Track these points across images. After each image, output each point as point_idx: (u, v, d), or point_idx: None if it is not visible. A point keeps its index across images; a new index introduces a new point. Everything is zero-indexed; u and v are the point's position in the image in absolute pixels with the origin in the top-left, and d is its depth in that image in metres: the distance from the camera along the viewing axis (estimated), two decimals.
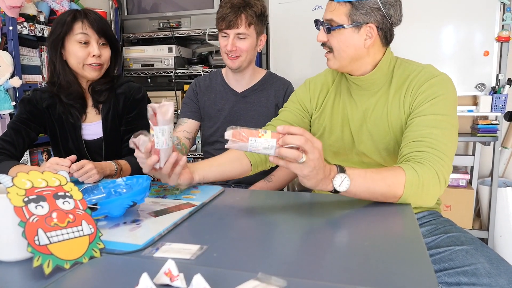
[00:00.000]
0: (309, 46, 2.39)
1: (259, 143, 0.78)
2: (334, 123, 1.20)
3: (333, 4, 1.06)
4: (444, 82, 1.06)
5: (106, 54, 1.37)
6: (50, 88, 1.39)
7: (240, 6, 1.44)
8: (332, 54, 1.10)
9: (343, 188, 0.85)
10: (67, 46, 1.34)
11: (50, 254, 0.61)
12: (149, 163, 0.91)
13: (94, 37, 1.33)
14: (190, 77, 2.79)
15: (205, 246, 0.69)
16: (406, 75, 1.10)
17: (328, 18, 1.08)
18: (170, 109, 0.90)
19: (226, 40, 1.49)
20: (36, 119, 1.40)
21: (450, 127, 1.00)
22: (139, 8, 2.71)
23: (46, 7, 2.09)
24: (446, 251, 0.97)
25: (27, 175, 0.66)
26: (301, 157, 0.77)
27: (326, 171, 0.83)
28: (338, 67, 1.12)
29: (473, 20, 2.11)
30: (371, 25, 1.04)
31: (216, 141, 1.64)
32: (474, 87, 2.15)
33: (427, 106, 1.03)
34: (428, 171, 0.92)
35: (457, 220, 1.18)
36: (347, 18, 1.05)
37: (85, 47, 1.33)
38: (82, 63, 1.34)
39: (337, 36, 1.07)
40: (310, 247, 0.72)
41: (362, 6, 1.03)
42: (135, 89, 1.48)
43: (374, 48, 1.09)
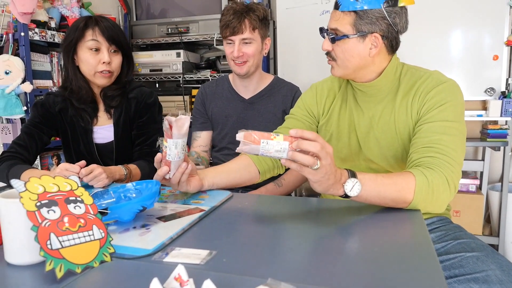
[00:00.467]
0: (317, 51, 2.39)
1: (271, 146, 0.77)
2: (341, 129, 1.20)
3: (338, 13, 1.05)
4: (452, 88, 1.05)
5: (116, 61, 1.39)
6: (62, 92, 1.41)
7: (242, 11, 1.46)
8: (336, 63, 1.10)
9: (354, 193, 0.85)
10: (79, 52, 1.36)
11: (62, 258, 0.62)
12: (160, 173, 0.96)
13: (105, 44, 1.35)
14: (198, 82, 2.80)
15: (214, 251, 0.69)
16: (413, 82, 1.10)
17: (332, 27, 1.07)
18: (186, 124, 0.92)
19: (231, 46, 1.49)
20: (48, 122, 1.42)
21: (459, 134, 1.00)
22: (148, 14, 2.74)
23: (57, 13, 2.12)
24: (456, 257, 0.96)
25: (39, 180, 0.67)
26: (316, 163, 0.77)
27: (337, 175, 0.83)
28: (342, 75, 1.12)
29: (482, 24, 2.10)
30: (376, 35, 1.03)
31: (224, 148, 1.65)
32: (483, 91, 2.14)
33: (435, 113, 1.02)
34: (438, 176, 0.91)
35: (467, 226, 1.17)
36: (351, 28, 1.04)
37: (95, 54, 1.34)
38: (93, 70, 1.35)
39: (341, 46, 1.07)
40: (319, 253, 0.71)
41: (367, 15, 1.02)
42: (146, 94, 1.50)
43: (379, 56, 1.08)
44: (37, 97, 1.99)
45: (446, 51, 2.18)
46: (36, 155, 1.40)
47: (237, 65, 1.51)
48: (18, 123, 1.97)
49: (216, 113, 1.64)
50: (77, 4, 2.16)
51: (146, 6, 2.73)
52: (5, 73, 1.82)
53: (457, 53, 2.16)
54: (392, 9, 1.02)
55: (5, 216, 0.66)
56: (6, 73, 1.82)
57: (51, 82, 2.08)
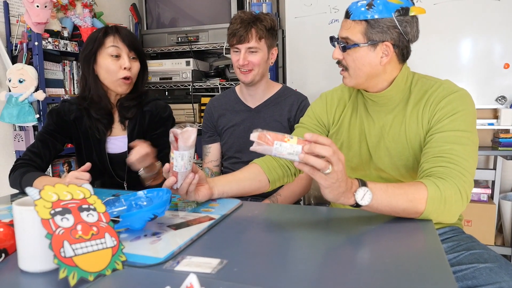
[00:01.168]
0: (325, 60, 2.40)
1: (284, 148, 0.78)
2: (352, 138, 1.20)
3: (349, 22, 1.06)
4: (463, 98, 1.04)
5: (135, 67, 1.41)
6: (80, 102, 1.42)
7: (250, 21, 1.47)
8: (348, 73, 1.10)
9: (365, 202, 0.84)
10: (99, 60, 1.37)
11: (75, 266, 0.62)
12: (167, 184, 0.97)
13: (125, 50, 1.37)
14: (207, 90, 2.83)
15: (225, 261, 0.69)
16: (424, 91, 1.09)
17: (343, 36, 1.07)
18: (192, 136, 0.92)
19: (238, 55, 1.51)
20: (63, 130, 1.43)
21: (471, 143, 0.99)
22: (158, 23, 2.78)
23: (69, 23, 2.16)
24: (469, 268, 0.95)
25: (53, 188, 0.68)
26: (328, 167, 0.76)
27: (348, 184, 0.82)
28: (354, 85, 1.12)
29: (493, 33, 2.09)
30: (387, 43, 1.03)
31: (232, 157, 1.66)
32: (494, 100, 2.12)
33: (447, 122, 1.01)
34: (450, 187, 0.90)
35: (479, 236, 1.16)
36: (362, 37, 1.04)
37: (116, 60, 1.36)
38: (115, 77, 1.36)
39: (352, 55, 1.07)
40: (330, 263, 0.71)
41: (378, 24, 1.02)
42: (161, 107, 1.51)
43: (390, 65, 1.08)
44: (49, 105, 2.02)
45: (456, 59, 2.17)
46: (49, 162, 1.41)
47: (243, 73, 1.53)
48: (31, 131, 2.00)
49: (223, 123, 1.66)
50: (89, 14, 2.20)
51: (156, 15, 2.77)
52: (19, 81, 1.85)
53: (468, 61, 2.15)
54: (403, 18, 1.02)
55: (19, 223, 0.66)
56: (20, 81, 1.85)
57: (63, 90, 2.12)
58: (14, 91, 1.86)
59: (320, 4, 2.37)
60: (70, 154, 2.18)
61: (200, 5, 2.67)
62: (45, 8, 1.86)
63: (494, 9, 2.07)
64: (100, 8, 2.46)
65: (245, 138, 1.61)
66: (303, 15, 2.42)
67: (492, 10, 2.07)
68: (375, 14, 1.01)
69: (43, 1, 1.85)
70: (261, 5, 2.47)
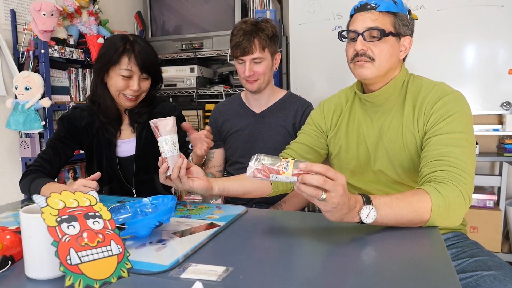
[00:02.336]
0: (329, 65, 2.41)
1: (280, 179, 0.80)
2: (349, 142, 1.21)
3: (375, 13, 1.07)
4: (457, 99, 1.05)
5: (145, 86, 1.40)
6: (90, 106, 1.44)
7: (252, 32, 1.48)
8: (372, 63, 1.08)
9: (370, 220, 0.84)
10: (111, 74, 1.37)
11: (81, 274, 0.62)
12: (161, 171, 1.04)
13: (137, 72, 1.35)
14: (211, 97, 2.84)
15: (231, 268, 0.69)
16: (417, 91, 1.11)
17: (372, 26, 1.07)
18: (170, 122, 1.05)
19: (243, 66, 1.52)
20: (73, 137, 1.44)
21: (468, 145, 0.99)
22: (163, 30, 2.80)
23: (75, 31, 2.18)
24: (473, 276, 0.94)
25: (60, 196, 0.68)
26: (320, 195, 0.77)
27: (351, 204, 0.81)
28: (374, 76, 1.09)
29: (497, 38, 2.09)
30: (410, 38, 1.08)
31: (236, 162, 1.66)
32: (499, 105, 2.12)
33: (443, 125, 1.02)
34: (452, 191, 0.90)
35: (485, 243, 1.15)
36: (393, 28, 1.07)
37: (126, 80, 1.35)
38: (119, 92, 1.37)
39: (380, 45, 1.07)
40: (336, 271, 0.71)
41: (402, 18, 1.07)
42: (170, 108, 1.54)
43: (400, 61, 1.12)
44: (55, 112, 2.04)
45: (461, 65, 2.17)
46: (59, 169, 1.42)
47: (249, 82, 1.54)
48: (37, 138, 2.01)
49: (228, 128, 1.66)
50: (95, 22, 2.22)
51: (161, 22, 2.80)
52: (25, 88, 1.87)
53: (472, 67, 2.15)
54: (411, 17, 1.08)
55: (26, 230, 0.67)
56: (26, 88, 1.87)
57: (68, 98, 2.13)
58: (20, 98, 1.88)
59: (323, 11, 2.39)
60: (76, 161, 2.19)
61: (204, 13, 2.69)
62: (51, 16, 1.88)
63: (498, 14, 2.07)
64: (106, 15, 2.49)
65: (249, 143, 1.62)
66: (307, 21, 2.43)
67: (496, 16, 2.07)
68: (399, 9, 1.07)
69: (50, 10, 1.87)
70: (265, 12, 2.48)
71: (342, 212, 0.81)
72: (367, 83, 1.15)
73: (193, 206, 1.13)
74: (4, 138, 1.99)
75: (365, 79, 1.11)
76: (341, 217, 0.82)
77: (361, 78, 1.12)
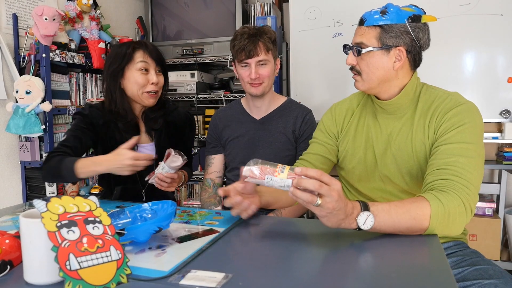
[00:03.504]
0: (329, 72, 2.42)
1: (274, 181, 0.81)
2: (356, 146, 1.20)
3: (363, 28, 1.10)
4: (470, 110, 1.05)
5: (161, 81, 1.45)
6: (106, 115, 1.44)
7: (255, 35, 1.50)
8: (361, 77, 1.12)
9: (367, 227, 0.84)
10: (127, 74, 1.40)
11: (80, 279, 0.62)
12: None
13: (153, 65, 1.40)
14: (211, 102, 2.84)
15: (230, 274, 0.69)
16: (431, 101, 1.11)
17: (357, 42, 1.10)
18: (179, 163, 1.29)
19: (247, 69, 1.53)
20: (92, 130, 1.44)
21: (477, 156, 0.99)
22: (164, 36, 2.81)
23: (77, 36, 2.18)
24: (473, 284, 0.94)
25: (60, 200, 0.68)
26: (315, 201, 0.77)
27: (348, 210, 0.82)
28: (366, 89, 1.14)
29: (496, 46, 2.11)
30: (401, 48, 1.07)
31: (236, 168, 1.66)
32: (498, 113, 2.12)
33: (452, 134, 1.02)
34: (453, 199, 0.90)
35: (484, 251, 1.15)
36: (376, 41, 1.08)
37: (145, 75, 1.39)
38: (141, 90, 1.40)
39: (366, 59, 1.09)
40: (335, 277, 0.71)
41: (392, 29, 1.06)
42: (183, 116, 1.62)
43: (402, 71, 1.10)
44: (55, 116, 2.04)
45: (460, 73, 2.18)
46: (80, 156, 1.41)
47: (254, 86, 1.54)
48: (36, 142, 2.01)
49: (228, 134, 1.66)
50: (97, 27, 2.23)
51: (162, 28, 2.81)
52: (26, 92, 1.87)
53: (472, 75, 2.16)
54: (415, 24, 1.06)
55: (26, 235, 0.67)
56: (27, 92, 1.87)
57: (69, 102, 2.14)
58: (21, 102, 1.88)
59: (324, 18, 2.40)
60: None
61: (205, 18, 2.70)
62: (53, 21, 1.89)
63: (497, 23, 2.08)
64: (107, 21, 2.50)
65: (249, 149, 1.62)
66: (307, 28, 2.44)
67: (495, 25, 2.08)
68: (388, 20, 1.06)
69: (52, 14, 1.88)
70: (266, 19, 2.49)
71: (338, 218, 0.81)
72: (370, 94, 1.18)
73: (192, 212, 1.13)
74: (4, 142, 1.99)
75: (359, 90, 1.16)
76: (338, 223, 0.82)
77: (356, 89, 1.17)
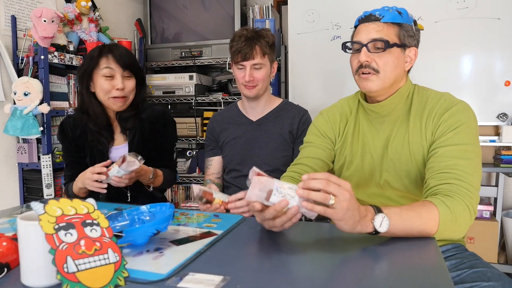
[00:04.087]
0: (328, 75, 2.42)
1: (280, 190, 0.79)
2: (354, 153, 1.20)
3: (380, 24, 1.07)
4: (465, 110, 1.06)
5: (129, 85, 1.44)
6: (79, 116, 1.47)
7: (253, 38, 1.51)
8: (377, 76, 1.07)
9: (383, 229, 0.82)
10: (94, 79, 1.42)
11: (78, 282, 0.62)
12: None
13: (119, 70, 1.41)
14: (209, 104, 2.84)
15: (228, 277, 0.69)
16: (424, 102, 1.11)
17: (376, 38, 1.06)
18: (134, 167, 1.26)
19: (242, 71, 1.54)
20: (77, 146, 1.51)
21: (475, 157, 1.00)
22: (162, 38, 2.81)
23: (75, 37, 2.18)
24: (472, 287, 0.94)
25: (58, 203, 0.68)
26: (329, 199, 0.75)
27: (361, 212, 0.80)
28: (379, 89, 1.09)
29: (493, 50, 2.12)
30: (415, 49, 1.08)
31: (233, 170, 1.66)
32: (495, 117, 2.13)
33: (450, 136, 1.03)
34: (459, 204, 0.91)
35: (481, 253, 1.15)
36: (397, 39, 1.06)
37: (110, 80, 1.40)
38: (107, 96, 1.42)
39: (385, 56, 1.06)
40: (333, 280, 0.71)
41: (407, 28, 1.07)
42: (159, 113, 1.56)
43: (406, 73, 1.12)
44: (53, 118, 2.04)
45: (457, 76, 2.19)
46: None
47: (248, 88, 1.55)
48: (34, 143, 2.01)
49: (225, 137, 1.67)
50: (95, 29, 2.23)
51: (161, 30, 2.81)
52: (24, 94, 1.87)
53: (469, 78, 2.17)
54: (417, 28, 1.09)
55: (23, 238, 0.67)
56: (25, 94, 1.87)
57: (67, 104, 2.13)
58: (19, 104, 1.88)
59: (322, 21, 2.41)
60: None
61: (204, 21, 2.70)
62: (52, 22, 1.89)
63: (494, 27, 2.09)
64: (106, 23, 2.50)
65: (246, 150, 1.62)
66: (305, 31, 2.45)
67: (492, 28, 2.09)
68: (404, 19, 1.07)
69: (51, 16, 1.88)
70: (264, 22, 2.50)
71: (354, 219, 0.79)
72: (371, 95, 1.15)
73: (190, 214, 1.13)
74: (2, 144, 1.99)
75: (370, 91, 1.11)
76: (354, 225, 0.80)
77: (366, 91, 1.12)
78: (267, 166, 1.59)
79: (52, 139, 2.00)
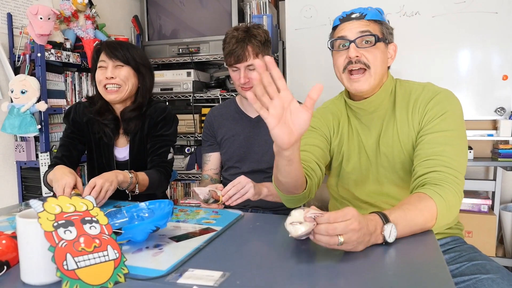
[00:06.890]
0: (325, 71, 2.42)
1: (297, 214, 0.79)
2: (351, 150, 1.20)
3: (364, 21, 1.08)
4: (449, 97, 1.08)
5: (121, 74, 1.44)
6: (89, 105, 1.52)
7: (244, 39, 1.48)
8: (369, 72, 1.07)
9: (392, 239, 0.82)
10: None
11: (78, 279, 0.62)
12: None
13: (110, 61, 1.44)
14: (207, 101, 2.84)
15: (228, 273, 0.69)
16: (408, 94, 1.13)
17: (364, 30, 1.06)
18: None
19: (237, 73, 1.52)
20: (79, 131, 1.52)
21: (461, 143, 1.03)
22: (160, 34, 2.80)
23: (72, 35, 2.17)
24: (471, 279, 0.95)
25: (57, 200, 0.68)
26: (337, 242, 0.74)
27: (370, 228, 0.79)
28: (371, 87, 1.09)
29: (491, 44, 2.12)
30: (395, 44, 1.11)
31: (231, 167, 1.66)
32: (493, 111, 2.13)
33: (436, 123, 1.05)
34: (450, 193, 0.93)
35: (480, 247, 1.16)
36: (381, 34, 1.09)
37: (103, 70, 1.45)
38: (100, 86, 1.45)
39: (374, 52, 1.07)
40: (333, 276, 0.71)
41: (386, 26, 1.11)
42: (160, 110, 1.55)
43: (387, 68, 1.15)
44: (51, 115, 2.03)
45: (455, 71, 2.19)
46: (75, 163, 1.51)
47: (245, 89, 1.53)
48: (32, 141, 2.00)
49: (224, 133, 1.66)
50: (92, 26, 2.22)
51: (158, 27, 2.80)
52: (21, 92, 1.86)
53: (467, 73, 2.17)
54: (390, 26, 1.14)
55: (23, 235, 0.67)
56: (22, 92, 1.86)
57: (64, 101, 2.13)
58: (16, 102, 1.87)
59: (320, 17, 2.40)
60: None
61: (201, 17, 2.69)
62: (48, 20, 1.88)
63: (492, 21, 2.09)
64: (103, 20, 2.49)
65: (245, 148, 1.62)
66: (303, 27, 2.44)
67: (490, 23, 2.09)
68: (383, 18, 1.11)
69: (47, 13, 1.87)
70: (262, 17, 2.49)
71: (365, 240, 0.78)
72: (361, 95, 1.14)
73: (189, 211, 1.13)
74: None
75: (362, 92, 1.10)
76: (367, 243, 0.80)
77: (357, 92, 1.11)
78: (266, 163, 1.58)
79: (50, 137, 2.00)
